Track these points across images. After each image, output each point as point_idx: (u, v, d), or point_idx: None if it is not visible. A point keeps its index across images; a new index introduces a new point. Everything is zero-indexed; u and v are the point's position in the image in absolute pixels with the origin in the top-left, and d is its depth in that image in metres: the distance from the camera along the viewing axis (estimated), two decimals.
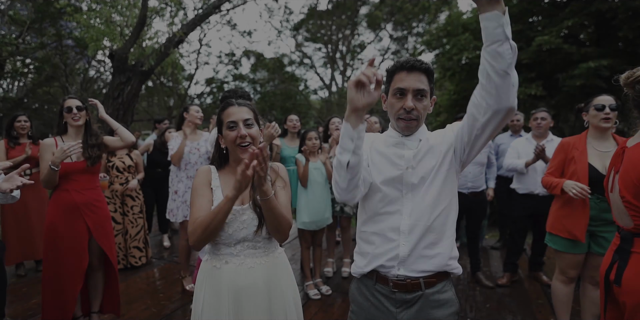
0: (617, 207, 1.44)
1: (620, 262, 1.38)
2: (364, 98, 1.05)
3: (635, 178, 1.29)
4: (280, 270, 1.44)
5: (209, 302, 1.35)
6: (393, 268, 1.22)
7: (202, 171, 1.41)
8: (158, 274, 3.70)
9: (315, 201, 3.16)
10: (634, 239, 1.36)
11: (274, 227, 1.33)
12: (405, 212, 1.23)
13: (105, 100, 5.56)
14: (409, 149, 1.27)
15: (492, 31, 0.97)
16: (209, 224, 1.24)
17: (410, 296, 1.22)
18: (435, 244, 1.22)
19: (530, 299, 3.12)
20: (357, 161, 1.11)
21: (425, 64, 1.21)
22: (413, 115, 1.22)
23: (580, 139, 2.31)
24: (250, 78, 16.99)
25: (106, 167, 3.68)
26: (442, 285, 1.24)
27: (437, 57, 11.51)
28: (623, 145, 1.47)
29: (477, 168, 3.36)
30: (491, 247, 4.58)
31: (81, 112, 2.29)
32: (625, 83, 1.37)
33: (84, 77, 11.52)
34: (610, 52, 7.87)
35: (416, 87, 1.20)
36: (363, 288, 1.32)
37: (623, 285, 1.34)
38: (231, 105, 1.40)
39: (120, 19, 5.81)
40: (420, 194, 1.23)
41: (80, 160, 2.28)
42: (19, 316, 2.76)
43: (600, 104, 2.18)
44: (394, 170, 1.25)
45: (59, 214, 2.24)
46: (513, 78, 1.01)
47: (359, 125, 1.09)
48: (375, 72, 1.03)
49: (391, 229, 1.24)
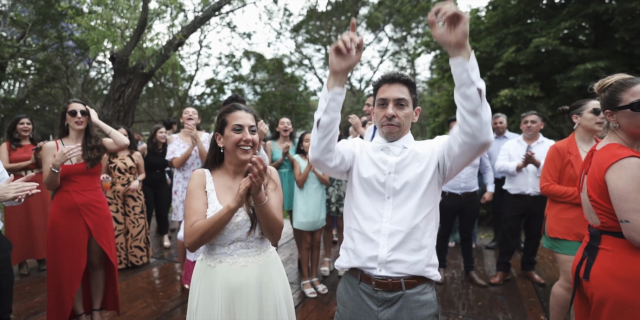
0: (586, 206, 1.52)
1: (589, 259, 1.47)
2: (343, 61, 1.12)
3: (600, 179, 1.37)
4: (272, 269, 1.50)
5: (203, 300, 1.41)
6: (375, 269, 1.29)
7: (196, 175, 1.46)
8: (158, 273, 3.77)
9: (310, 202, 3.22)
10: (601, 235, 1.44)
11: (267, 229, 1.40)
12: (386, 215, 1.30)
13: (106, 102, 5.63)
14: (393, 155, 1.34)
15: (459, 76, 1.05)
16: (208, 230, 1.32)
17: (391, 295, 1.28)
18: (415, 251, 1.27)
19: (522, 297, 3.18)
20: (327, 121, 1.18)
21: (405, 76, 1.31)
22: (394, 122, 1.30)
23: (571, 143, 2.35)
24: (250, 79, 17.05)
25: (108, 168, 3.76)
26: (422, 287, 1.30)
27: (436, 58, 11.57)
28: (593, 148, 1.56)
29: (469, 169, 3.42)
30: (486, 247, 4.64)
31: (84, 117, 2.37)
32: (598, 90, 1.49)
33: (84, 79, 11.59)
34: (608, 54, 7.93)
35: (396, 97, 1.29)
36: (348, 286, 1.39)
37: (591, 280, 1.43)
38: (239, 109, 1.46)
39: (121, 21, 5.88)
40: (402, 200, 1.29)
41: (80, 163, 2.35)
42: (22, 314, 2.83)
43: (597, 109, 2.23)
44: (379, 174, 1.32)
45: (60, 214, 2.32)
46: (484, 117, 1.07)
47: (334, 87, 1.16)
48: (353, 37, 1.09)
49: (373, 230, 1.30)
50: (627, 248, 1.35)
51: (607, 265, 1.38)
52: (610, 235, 1.40)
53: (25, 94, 10.89)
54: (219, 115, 1.49)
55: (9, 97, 11.00)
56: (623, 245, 1.36)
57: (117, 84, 5.56)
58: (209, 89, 16.09)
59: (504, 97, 8.36)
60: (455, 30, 1.01)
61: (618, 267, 1.35)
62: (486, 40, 9.30)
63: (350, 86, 19.38)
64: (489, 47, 9.19)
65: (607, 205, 1.37)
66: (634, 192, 1.28)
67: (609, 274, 1.37)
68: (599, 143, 1.56)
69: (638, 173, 1.29)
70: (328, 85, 1.17)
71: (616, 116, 1.42)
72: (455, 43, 1.03)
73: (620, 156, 1.33)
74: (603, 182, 1.37)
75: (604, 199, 1.38)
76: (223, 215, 1.31)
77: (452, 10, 0.99)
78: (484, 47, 9.21)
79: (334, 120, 1.18)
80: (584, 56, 8.05)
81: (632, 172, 1.30)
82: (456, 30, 1.01)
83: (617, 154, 1.35)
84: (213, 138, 1.50)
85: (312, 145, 1.25)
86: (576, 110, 2.35)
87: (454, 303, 3.08)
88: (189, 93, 15.22)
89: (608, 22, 8.02)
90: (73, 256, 2.33)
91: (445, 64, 10.47)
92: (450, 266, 3.97)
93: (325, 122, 1.18)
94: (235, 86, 17.69)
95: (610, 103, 1.43)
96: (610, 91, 1.43)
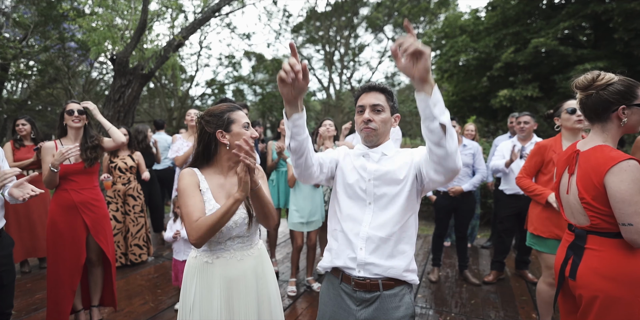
0: (571, 207, 1.53)
1: (574, 258, 1.48)
2: (293, 90, 1.13)
3: (597, 182, 1.36)
4: (264, 260, 1.57)
5: (201, 295, 1.44)
6: (354, 270, 1.33)
7: (187, 173, 1.46)
8: (157, 271, 3.82)
9: (304, 203, 3.23)
10: (588, 236, 1.46)
11: (264, 214, 1.44)
12: (366, 220, 1.34)
13: (107, 103, 5.69)
14: (373, 162, 1.39)
15: (423, 110, 1.07)
16: (216, 223, 1.30)
17: (369, 295, 1.32)
18: (391, 257, 1.31)
19: (514, 296, 3.22)
20: (296, 145, 1.23)
21: (381, 85, 1.39)
22: (371, 125, 1.36)
23: (556, 142, 2.41)
24: (250, 80, 17.11)
25: (109, 167, 3.82)
26: (399, 289, 1.33)
27: (434, 59, 11.58)
28: (574, 148, 1.55)
29: (462, 168, 3.45)
30: (481, 246, 4.68)
31: (82, 116, 2.43)
32: (596, 85, 1.42)
33: (86, 79, 11.68)
34: (607, 54, 7.93)
35: (372, 103, 1.36)
36: (330, 286, 1.43)
37: (578, 279, 1.44)
38: (239, 109, 1.52)
39: (121, 22, 5.94)
40: (382, 207, 1.34)
41: (78, 162, 2.41)
42: (23, 310, 2.89)
43: (571, 108, 2.29)
44: (361, 181, 1.37)
45: (59, 212, 2.38)
46: (449, 148, 1.09)
47: (292, 115, 1.19)
48: (293, 64, 1.07)
49: (354, 232, 1.35)
50: (616, 248, 1.37)
51: (594, 265, 1.40)
52: (597, 235, 1.42)
53: (27, 94, 10.99)
54: (219, 114, 1.47)
55: (12, 97, 11.10)
56: (612, 245, 1.38)
57: (118, 85, 5.61)
58: (209, 90, 16.16)
59: (503, 97, 8.39)
60: (417, 65, 1.00)
61: (606, 267, 1.37)
62: (485, 40, 9.32)
63: (350, 87, 19.42)
64: (488, 47, 9.21)
65: (602, 207, 1.37)
66: (637, 195, 1.28)
67: (596, 274, 1.38)
68: (578, 143, 1.56)
69: (639, 176, 1.29)
70: (287, 114, 1.20)
71: (629, 112, 1.39)
72: (417, 78, 1.03)
73: (618, 159, 1.32)
74: (601, 185, 1.35)
75: (599, 202, 1.37)
76: (230, 206, 1.30)
77: (414, 46, 0.97)
78: (483, 48, 9.24)
79: (302, 142, 1.23)
80: (583, 56, 8.06)
81: (634, 175, 1.29)
82: (418, 65, 1.00)
83: (614, 156, 1.34)
84: (204, 136, 1.48)
85: (292, 165, 1.31)
86: (556, 113, 2.43)
87: (447, 301, 3.12)
88: (190, 93, 15.30)
89: (607, 23, 8.03)
90: (72, 253, 2.39)
91: (444, 64, 10.50)
92: (445, 265, 4.01)
93: (295, 147, 1.24)
94: (235, 87, 17.78)
95: (628, 98, 1.39)
96: (627, 86, 1.39)
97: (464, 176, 3.46)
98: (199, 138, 1.51)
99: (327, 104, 18.65)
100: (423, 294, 3.28)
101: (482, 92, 9.84)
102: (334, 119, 4.36)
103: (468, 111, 10.39)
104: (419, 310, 2.95)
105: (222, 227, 1.40)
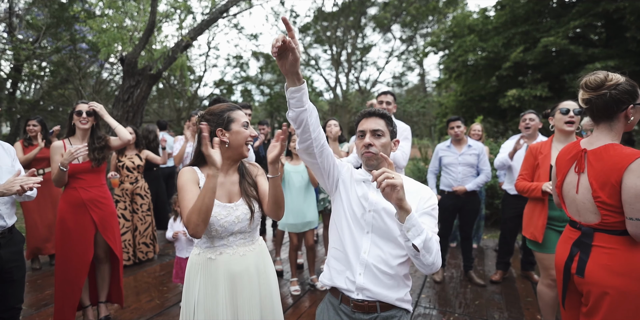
0: (577, 205, 1.53)
1: (581, 255, 1.49)
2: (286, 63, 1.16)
3: (615, 180, 1.37)
4: (265, 256, 1.61)
5: (206, 291, 1.46)
6: (353, 292, 1.36)
7: (187, 171, 1.49)
8: (163, 269, 3.88)
9: (294, 204, 3.21)
10: (595, 233, 1.46)
11: (277, 203, 1.46)
12: (364, 247, 1.37)
13: (116, 103, 5.79)
14: (373, 190, 1.41)
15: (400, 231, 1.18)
16: (200, 206, 1.30)
17: (368, 317, 1.34)
18: (387, 288, 1.34)
19: (519, 297, 3.19)
20: (293, 115, 1.27)
21: (381, 111, 1.45)
22: (372, 150, 1.40)
23: (545, 144, 2.40)
24: (258, 80, 17.19)
25: (117, 166, 3.89)
26: (396, 311, 1.36)
27: (442, 58, 11.51)
28: (579, 148, 1.54)
29: (466, 168, 3.45)
30: (494, 249, 4.58)
31: (89, 117, 2.49)
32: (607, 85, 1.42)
33: (97, 80, 11.87)
34: (619, 53, 7.79)
35: (372, 128, 1.42)
36: (330, 307, 1.45)
37: (586, 276, 1.45)
38: (238, 108, 1.54)
39: (130, 23, 6.03)
40: (380, 239, 1.36)
41: (86, 162, 2.48)
42: (33, 305, 2.96)
43: (565, 108, 2.27)
44: (361, 210, 1.40)
45: (68, 209, 2.44)
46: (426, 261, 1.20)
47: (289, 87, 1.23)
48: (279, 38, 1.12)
49: (353, 256, 1.37)
50: (623, 244, 1.39)
51: (603, 262, 1.41)
52: (604, 233, 1.44)
53: (40, 95, 11.20)
54: (219, 113, 1.49)
55: (25, 98, 11.33)
56: (619, 242, 1.40)
57: (126, 86, 5.71)
58: (217, 90, 16.28)
59: (512, 97, 8.30)
60: (392, 195, 1.13)
61: (616, 263, 1.39)
62: (494, 40, 9.23)
63: (358, 87, 19.40)
64: (497, 47, 9.11)
65: (616, 204, 1.39)
66: None
67: (606, 270, 1.40)
68: (582, 141, 1.56)
69: None
70: (285, 86, 1.26)
71: (633, 111, 1.43)
72: (394, 205, 1.15)
73: (635, 156, 1.34)
74: (618, 182, 1.36)
75: (614, 199, 1.38)
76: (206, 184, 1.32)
77: (386, 182, 1.10)
78: (492, 47, 9.15)
79: (299, 113, 1.26)
80: (594, 55, 7.94)
81: None
82: (392, 195, 1.13)
83: (630, 153, 1.36)
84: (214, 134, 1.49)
85: (297, 140, 1.37)
86: (551, 112, 2.41)
87: (450, 302, 3.11)
88: (198, 94, 15.45)
89: (619, 21, 7.89)
90: (80, 249, 2.44)
91: (451, 64, 10.43)
92: (450, 266, 3.99)
93: (292, 117, 1.28)
94: (243, 87, 17.90)
95: (634, 98, 1.43)
96: (632, 86, 1.42)
97: (468, 177, 3.45)
98: (200, 137, 1.52)
99: (334, 104, 18.66)
100: (427, 294, 3.28)
101: (491, 92, 9.75)
102: (341, 119, 4.38)
103: (476, 111, 10.30)
104: (422, 310, 2.95)
105: (224, 222, 1.44)
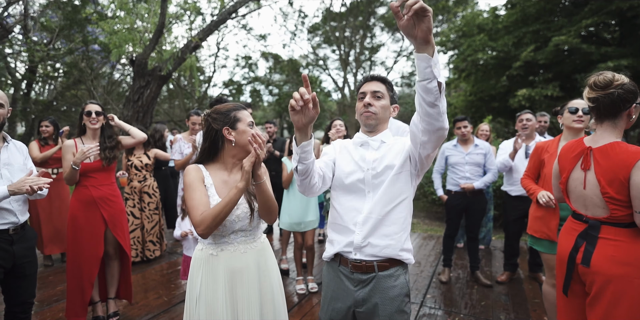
0: (585, 200, 1.58)
1: (587, 246, 1.54)
2: (303, 117, 1.20)
3: (623, 177, 1.43)
4: (266, 253, 1.63)
5: (207, 286, 1.50)
6: (351, 253, 1.42)
7: (192, 169, 1.52)
8: (170, 267, 3.93)
9: (295, 204, 3.23)
10: (602, 226, 1.52)
11: (266, 208, 1.50)
12: (366, 208, 1.41)
13: (126, 104, 5.88)
14: (372, 150, 1.46)
15: (422, 70, 1.07)
16: (220, 212, 1.37)
17: (366, 277, 1.40)
18: (387, 236, 1.38)
19: (526, 298, 3.16)
20: (303, 169, 1.30)
21: (382, 75, 1.48)
22: (371, 109, 1.44)
23: (552, 142, 2.41)
24: (267, 80, 17.27)
25: (126, 165, 3.97)
26: (394, 269, 1.41)
27: (451, 58, 11.40)
28: (583, 146, 1.60)
29: (473, 168, 3.43)
30: (502, 250, 4.52)
31: (99, 117, 2.55)
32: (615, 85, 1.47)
33: (108, 81, 12.07)
34: (633, 52, 7.63)
35: (373, 89, 1.45)
36: (330, 269, 1.53)
37: (592, 266, 1.50)
38: (244, 108, 1.58)
39: (141, 24, 6.13)
40: (379, 192, 1.40)
41: (97, 160, 2.53)
42: (45, 301, 3.04)
43: (574, 108, 2.29)
44: (359, 172, 1.44)
45: (78, 207, 2.50)
46: (441, 107, 1.13)
47: (302, 142, 1.26)
48: (303, 93, 1.15)
49: (352, 222, 1.42)
50: (629, 236, 1.47)
51: (609, 253, 1.48)
52: (611, 226, 1.50)
53: (54, 95, 11.44)
54: (225, 112, 1.52)
55: (39, 98, 11.59)
56: (626, 234, 1.47)
57: (137, 86, 5.80)
58: (226, 90, 16.41)
59: (522, 97, 8.18)
60: (421, 25, 0.99)
61: (621, 254, 1.45)
62: (504, 39, 9.12)
63: None
64: (507, 46, 9.00)
65: (625, 199, 1.45)
66: None
67: (611, 260, 1.46)
68: (586, 139, 1.61)
69: None
70: (297, 141, 1.27)
71: (634, 110, 1.49)
72: (420, 38, 1.01)
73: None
74: (626, 179, 1.42)
75: (623, 194, 1.45)
76: (233, 196, 1.37)
77: (419, 4, 0.95)
78: (502, 47, 9.04)
79: (308, 165, 1.31)
80: (607, 54, 7.79)
81: None
82: (421, 25, 0.99)
83: (637, 151, 1.43)
84: (211, 133, 1.53)
85: (297, 184, 1.39)
86: (560, 110, 2.42)
87: (456, 302, 3.09)
88: (208, 94, 15.59)
89: (634, 20, 7.74)
90: (91, 246, 2.50)
91: (461, 64, 10.33)
92: (457, 266, 3.97)
93: (302, 170, 1.32)
94: (252, 87, 18.00)
95: (637, 97, 1.48)
96: (634, 86, 1.48)
97: (475, 176, 3.43)
98: (206, 135, 1.56)
99: (342, 104, 18.66)
100: (432, 294, 3.26)
101: (501, 91, 9.63)
102: (349, 119, 4.36)
103: (486, 111, 10.18)
104: (428, 310, 2.94)
105: (226, 221, 1.46)
